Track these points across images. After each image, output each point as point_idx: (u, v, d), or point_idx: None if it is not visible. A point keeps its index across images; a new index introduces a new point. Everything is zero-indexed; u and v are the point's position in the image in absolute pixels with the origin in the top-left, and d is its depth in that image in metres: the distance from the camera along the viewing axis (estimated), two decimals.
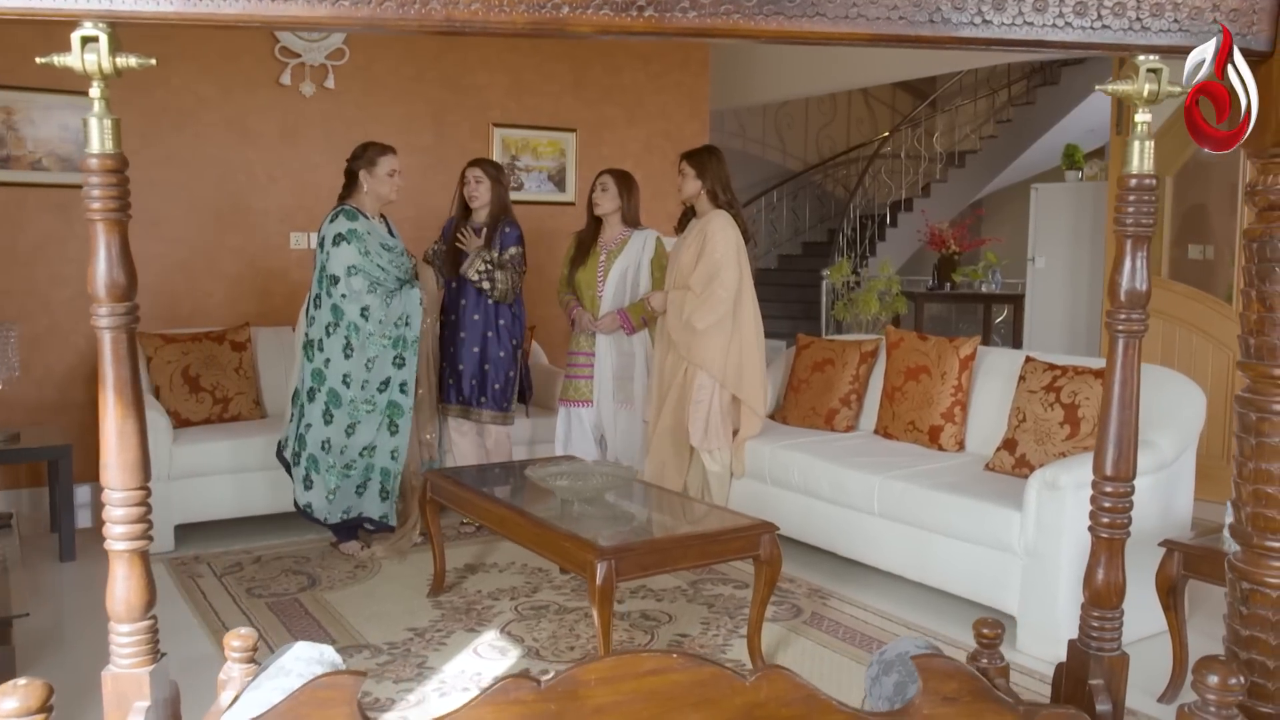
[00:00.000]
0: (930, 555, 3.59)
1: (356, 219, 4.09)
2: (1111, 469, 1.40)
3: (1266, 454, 1.32)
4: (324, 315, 4.07)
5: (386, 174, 4.15)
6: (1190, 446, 3.46)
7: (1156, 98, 1.34)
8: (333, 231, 4.07)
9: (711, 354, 4.24)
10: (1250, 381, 1.35)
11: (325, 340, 4.06)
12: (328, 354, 4.06)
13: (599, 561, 2.71)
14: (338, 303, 4.05)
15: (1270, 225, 1.33)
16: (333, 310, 4.06)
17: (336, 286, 4.05)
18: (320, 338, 4.07)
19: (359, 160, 4.14)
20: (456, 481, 3.57)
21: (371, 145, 4.18)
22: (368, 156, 4.14)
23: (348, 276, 4.04)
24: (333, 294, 4.05)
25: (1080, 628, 1.57)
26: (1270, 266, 1.32)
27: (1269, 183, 1.34)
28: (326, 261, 4.06)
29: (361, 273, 4.06)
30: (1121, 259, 1.38)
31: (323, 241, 4.10)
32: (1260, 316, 1.32)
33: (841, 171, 11.69)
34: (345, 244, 4.04)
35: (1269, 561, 1.33)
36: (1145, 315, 1.37)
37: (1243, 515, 1.38)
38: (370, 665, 3.14)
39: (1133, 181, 1.37)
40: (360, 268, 4.06)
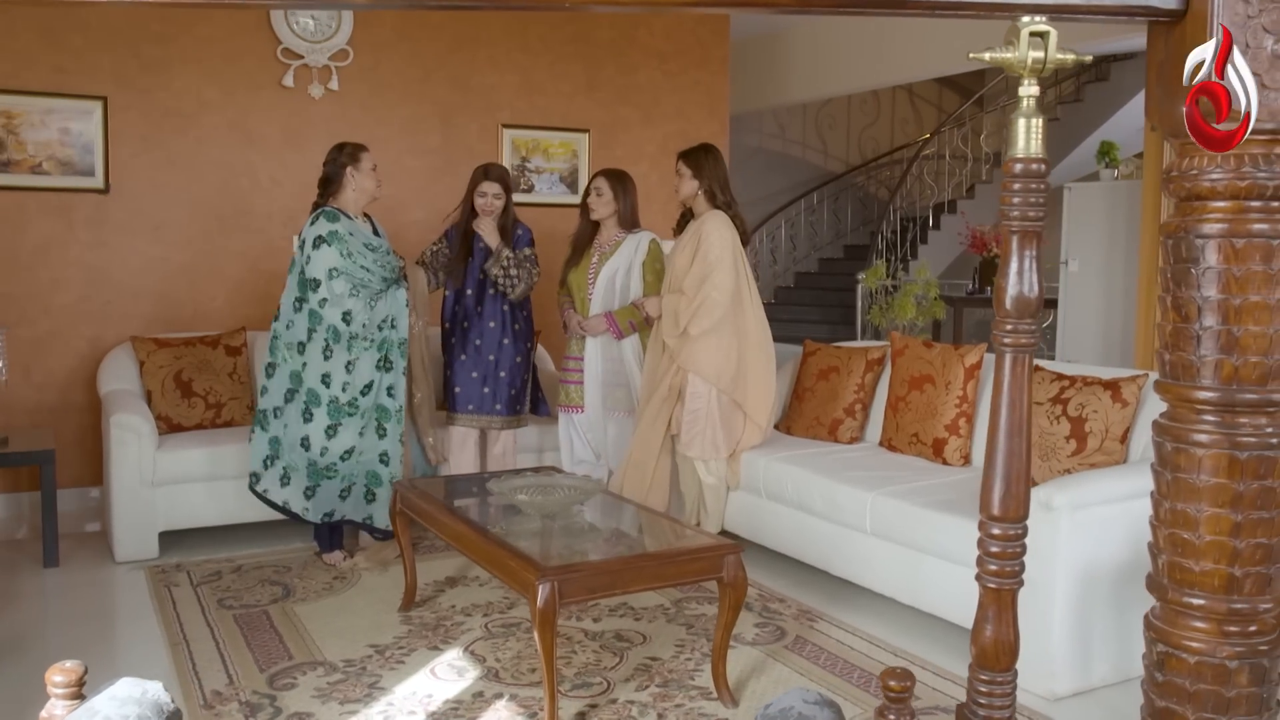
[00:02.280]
0: (922, 578, 3.36)
1: (338, 220, 4.00)
2: (999, 507, 1.20)
3: (1184, 493, 1.10)
4: (303, 319, 3.98)
5: (370, 169, 4.08)
6: None
7: (1043, 67, 1.14)
8: (313, 234, 3.98)
9: (707, 359, 4.06)
10: (1168, 405, 1.14)
11: (305, 344, 3.98)
12: (305, 357, 3.97)
13: (540, 583, 2.55)
14: (316, 308, 3.95)
15: (1187, 219, 1.12)
16: (310, 316, 3.96)
17: (317, 291, 3.95)
18: (299, 341, 3.98)
19: (340, 159, 4.06)
20: (422, 493, 3.44)
21: (347, 144, 4.12)
22: (348, 153, 4.05)
23: (329, 280, 3.95)
24: (311, 299, 3.96)
25: (968, 691, 1.36)
26: (1185, 268, 1.11)
27: (1185, 168, 1.12)
28: (307, 264, 3.97)
29: (344, 275, 3.96)
30: (1008, 259, 1.17)
31: (303, 244, 4.01)
32: (1175, 328, 1.11)
33: (884, 173, 11.39)
34: (326, 246, 3.95)
35: (1188, 621, 1.11)
36: (1037, 326, 1.17)
37: (1159, 564, 1.16)
38: (321, 684, 3.02)
39: (1018, 166, 1.17)
40: (342, 270, 3.96)
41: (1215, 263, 1.08)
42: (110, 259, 4.99)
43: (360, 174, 4.05)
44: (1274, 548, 1.10)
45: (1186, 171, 1.12)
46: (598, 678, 3.08)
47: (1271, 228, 1.09)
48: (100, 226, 4.96)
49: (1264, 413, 1.10)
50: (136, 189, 5.03)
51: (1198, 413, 1.11)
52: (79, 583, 4.01)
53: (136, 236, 5.04)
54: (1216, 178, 1.09)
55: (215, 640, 3.35)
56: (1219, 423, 1.10)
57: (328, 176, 4.08)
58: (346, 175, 4.04)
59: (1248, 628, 1.10)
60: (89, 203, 4.93)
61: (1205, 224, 1.10)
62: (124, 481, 4.15)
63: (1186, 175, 1.12)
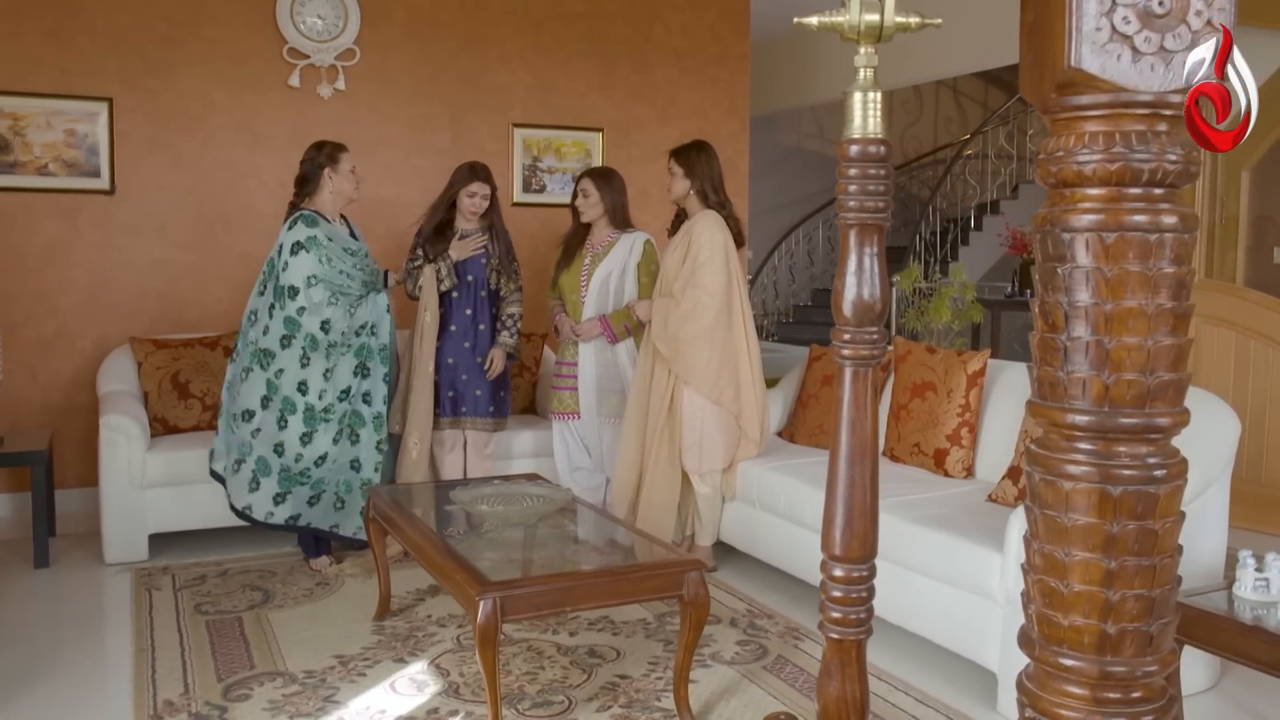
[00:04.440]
0: (910, 598, 3.18)
1: (317, 224, 3.91)
2: (841, 547, 1.03)
3: (1055, 534, 0.94)
4: (278, 326, 3.88)
5: (349, 170, 3.99)
6: (1218, 481, 2.94)
7: (879, 32, 0.97)
8: (291, 239, 3.88)
9: (699, 368, 3.90)
10: (1041, 430, 0.97)
11: (280, 352, 3.88)
12: (281, 364, 3.88)
13: (481, 598, 2.43)
14: (293, 315, 3.86)
15: (1054, 210, 0.95)
16: (286, 323, 3.86)
17: (294, 299, 3.85)
18: (272, 348, 3.90)
19: (318, 159, 3.97)
20: (390, 500, 3.35)
21: (327, 143, 4.02)
22: (326, 153, 3.96)
23: (307, 288, 3.85)
24: (288, 306, 3.86)
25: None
26: (1052, 268, 0.94)
27: (1053, 150, 0.96)
28: (283, 271, 3.88)
29: (323, 282, 3.87)
30: (845, 258, 1.01)
31: (280, 249, 3.92)
32: (1042, 338, 0.95)
33: (927, 173, 11.09)
34: (305, 252, 3.86)
35: (1061, 685, 0.94)
36: (879, 335, 1.01)
37: (1030, 614, 0.99)
38: (276, 696, 2.94)
39: (853, 149, 1.01)
40: (321, 277, 3.86)
41: (1084, 261, 0.92)
42: (116, 260, 4.99)
43: (338, 176, 3.96)
44: (1157, 601, 0.93)
45: (1053, 154, 0.95)
46: (560, 696, 2.95)
47: (1151, 220, 0.92)
48: (106, 227, 4.97)
49: (1145, 440, 0.93)
50: (142, 190, 5.03)
51: (1069, 439, 0.94)
52: (66, 584, 4.00)
53: (142, 237, 5.04)
54: (1085, 160, 0.92)
55: (182, 647, 3.29)
56: (1094, 452, 0.92)
57: (304, 176, 3.99)
58: (324, 177, 3.95)
59: (1129, 694, 0.93)
60: (95, 204, 4.95)
61: (1073, 215, 0.93)
62: (113, 483, 4.13)
63: (1053, 158, 0.95)
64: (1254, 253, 4.83)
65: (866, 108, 1.01)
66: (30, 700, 2.93)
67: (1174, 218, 0.93)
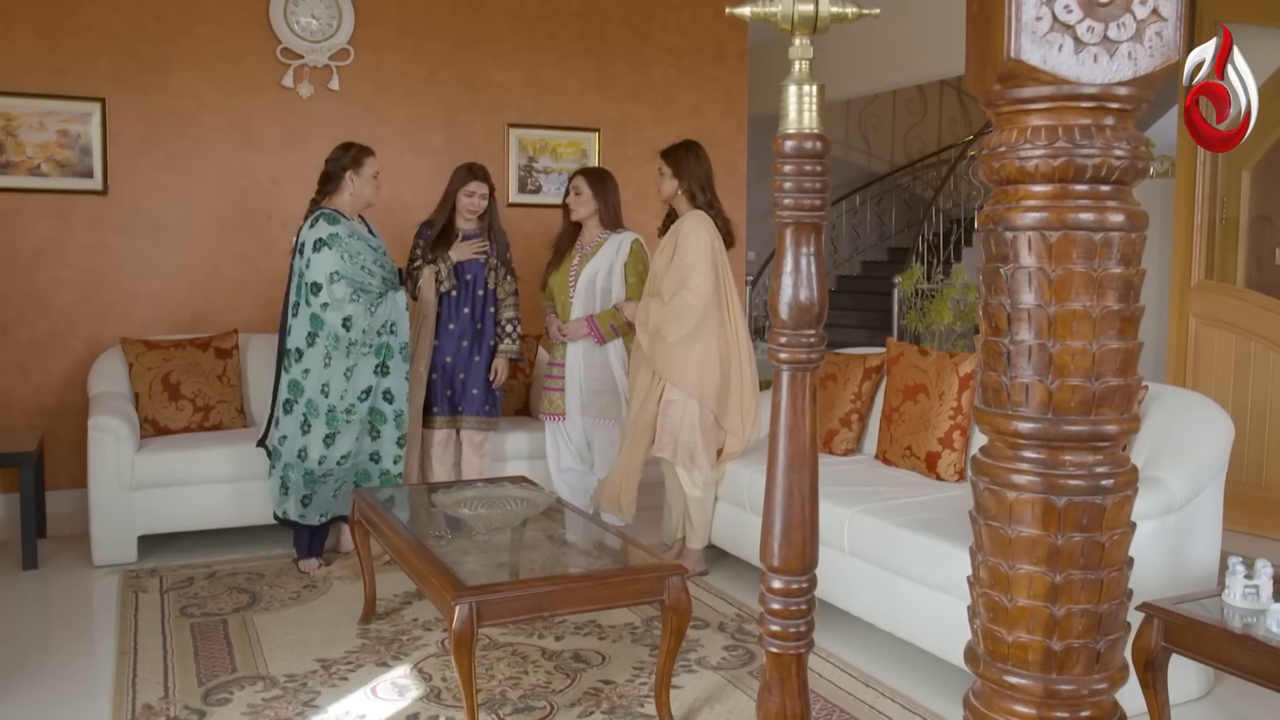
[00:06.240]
0: (900, 603, 3.13)
1: (338, 222, 3.91)
2: (779, 558, 0.99)
3: (1000, 547, 0.90)
4: (303, 324, 3.89)
5: (371, 175, 3.99)
6: (1211, 486, 2.89)
7: (814, 22, 0.94)
8: (313, 237, 3.88)
9: (685, 368, 3.87)
10: (987, 438, 0.93)
11: (306, 350, 3.89)
12: (306, 364, 3.89)
13: (456, 603, 2.40)
14: (318, 312, 3.86)
15: (997, 207, 0.91)
16: (312, 320, 3.87)
17: (317, 295, 3.86)
18: (300, 347, 3.90)
19: (343, 160, 3.97)
20: (371, 502, 3.32)
21: (354, 145, 4.02)
22: (352, 156, 3.96)
23: (330, 284, 3.85)
24: (312, 302, 3.87)
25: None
26: (995, 269, 0.90)
27: (996, 145, 0.92)
28: (306, 268, 3.88)
29: (345, 279, 3.87)
30: (782, 257, 0.98)
31: (301, 247, 3.92)
32: (986, 342, 0.91)
33: (931, 174, 11.03)
34: (327, 249, 3.86)
35: (1007, 704, 0.90)
36: (819, 338, 0.97)
37: (976, 629, 0.95)
38: (255, 700, 2.91)
39: (788, 144, 0.97)
40: (344, 273, 3.87)
41: (1028, 261, 0.88)
42: (109, 261, 4.98)
43: (360, 179, 3.96)
44: (1104, 616, 0.89)
45: (996, 149, 0.91)
46: (542, 701, 2.91)
47: (1097, 218, 0.88)
48: (99, 228, 4.96)
49: (1092, 448, 0.88)
50: (135, 190, 5.02)
51: (1013, 448, 0.90)
52: (53, 586, 3.98)
53: (135, 238, 5.03)
54: (1028, 155, 0.88)
55: (164, 650, 3.27)
56: (1039, 460, 0.89)
57: (327, 174, 4.00)
58: (346, 178, 3.96)
59: (1078, 713, 0.89)
60: (87, 204, 4.94)
61: (1016, 213, 0.89)
62: (102, 484, 4.11)
63: (996, 153, 0.91)
64: (1254, 253, 4.77)
65: (802, 101, 0.97)
66: (11, 703, 2.91)
67: (1121, 216, 0.89)
